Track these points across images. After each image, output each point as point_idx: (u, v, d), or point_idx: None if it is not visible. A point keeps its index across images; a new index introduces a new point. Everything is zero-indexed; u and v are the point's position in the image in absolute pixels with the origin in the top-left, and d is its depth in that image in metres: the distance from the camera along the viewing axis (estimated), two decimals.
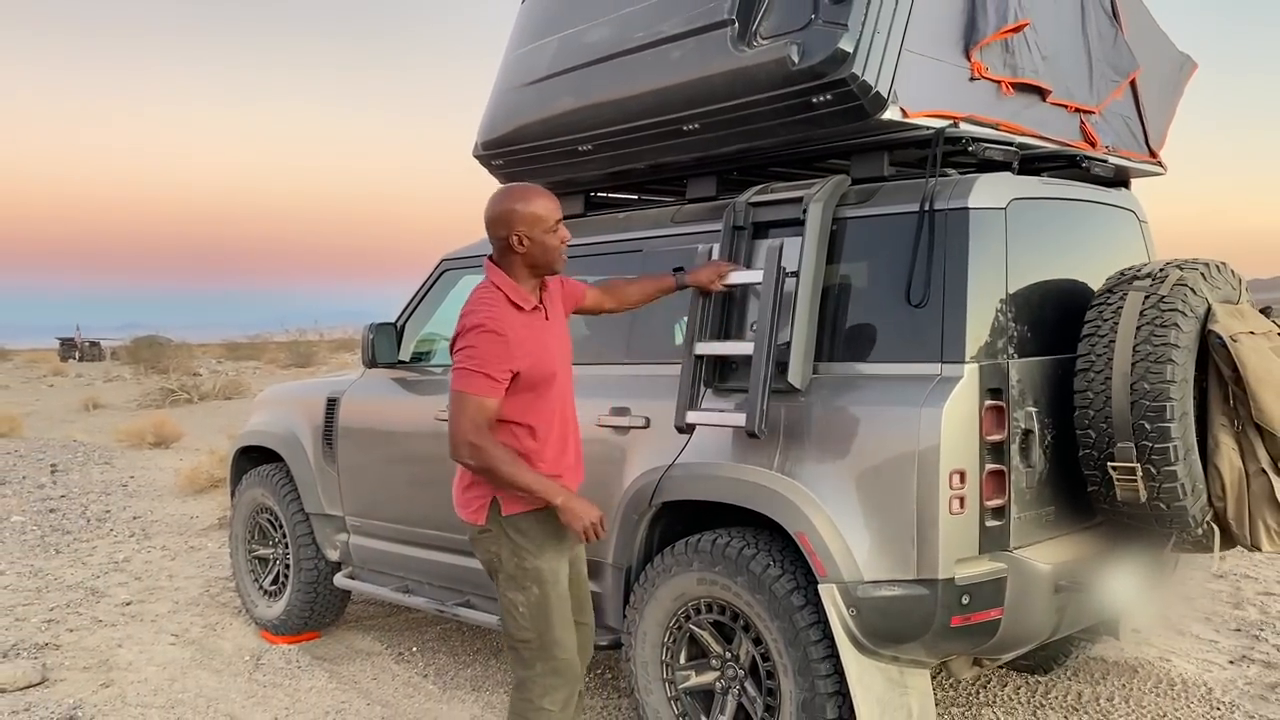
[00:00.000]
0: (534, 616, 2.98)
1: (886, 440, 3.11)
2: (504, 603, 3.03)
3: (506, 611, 3.02)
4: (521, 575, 2.98)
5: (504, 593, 3.02)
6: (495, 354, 2.87)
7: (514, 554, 2.98)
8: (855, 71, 3.12)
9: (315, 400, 5.16)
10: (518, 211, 2.95)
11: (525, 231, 2.95)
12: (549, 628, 2.99)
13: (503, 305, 2.95)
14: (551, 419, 3.03)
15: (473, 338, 2.89)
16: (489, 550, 3.02)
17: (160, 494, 9.82)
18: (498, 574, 3.03)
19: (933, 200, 3.20)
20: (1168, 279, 3.15)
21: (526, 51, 4.21)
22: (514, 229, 2.95)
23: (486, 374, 2.86)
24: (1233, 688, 4.31)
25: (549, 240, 2.98)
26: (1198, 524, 3.14)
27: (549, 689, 2.99)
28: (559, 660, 3.00)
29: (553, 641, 2.99)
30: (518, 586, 2.99)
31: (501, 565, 3.00)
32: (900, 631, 3.10)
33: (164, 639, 5.34)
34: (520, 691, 3.04)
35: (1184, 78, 4.67)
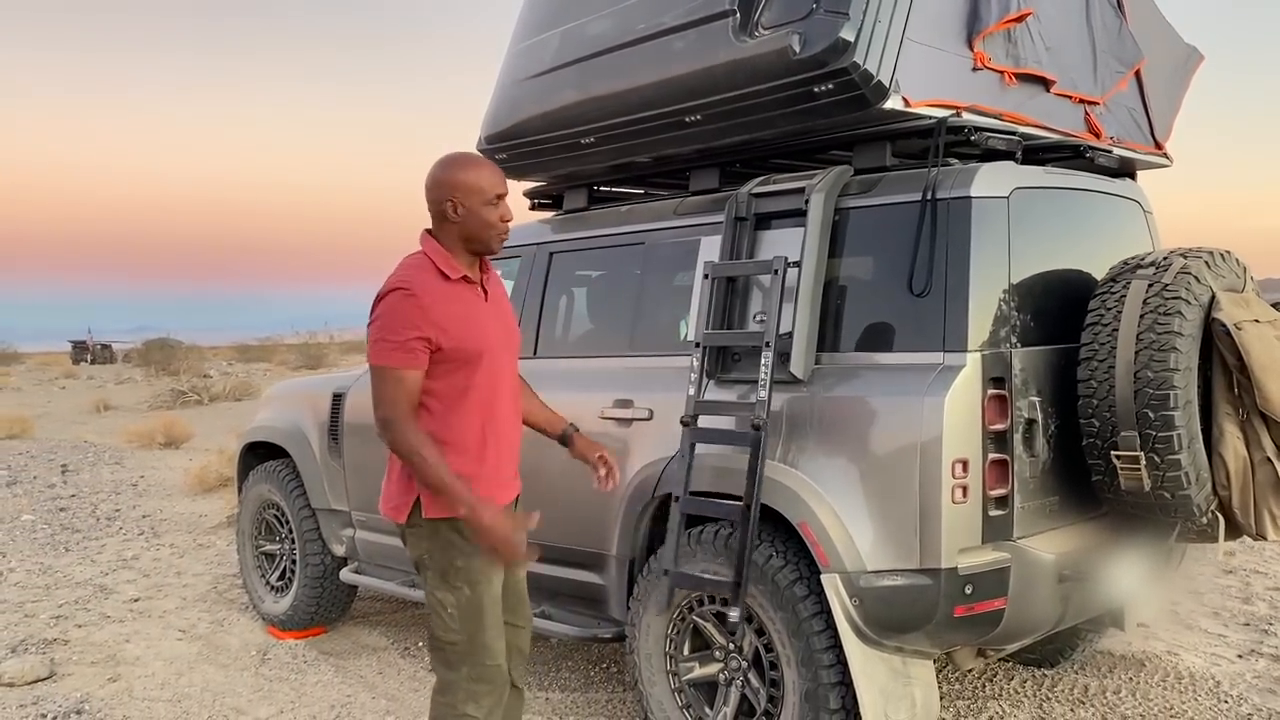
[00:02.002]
0: (463, 618, 2.75)
1: (889, 430, 3.10)
2: (431, 601, 2.79)
3: (434, 610, 2.78)
4: (453, 574, 2.75)
5: (431, 590, 2.78)
6: (407, 318, 2.64)
7: (444, 551, 2.74)
8: (857, 60, 3.12)
9: (321, 396, 5.17)
10: (457, 179, 2.74)
11: (462, 199, 2.73)
12: (479, 630, 2.76)
13: (425, 271, 2.73)
14: (475, 404, 2.77)
15: (385, 304, 2.68)
16: (418, 547, 2.80)
17: (170, 493, 9.86)
18: (426, 571, 2.80)
19: (935, 189, 3.19)
20: (1171, 267, 3.14)
21: (529, 45, 4.22)
22: (451, 195, 2.73)
23: (399, 341, 2.64)
24: (1241, 681, 4.28)
25: (486, 214, 2.75)
26: (1202, 513, 3.12)
27: (474, 695, 2.77)
28: (486, 666, 2.78)
29: (481, 646, 2.77)
30: (447, 586, 2.75)
31: (430, 563, 2.78)
32: (903, 621, 3.09)
33: (171, 634, 5.35)
34: (443, 695, 2.81)
35: (1190, 69, 4.65)
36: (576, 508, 3.90)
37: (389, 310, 2.67)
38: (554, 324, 4.32)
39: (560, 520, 3.94)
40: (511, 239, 4.54)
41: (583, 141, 3.95)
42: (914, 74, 3.24)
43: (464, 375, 2.75)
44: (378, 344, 2.68)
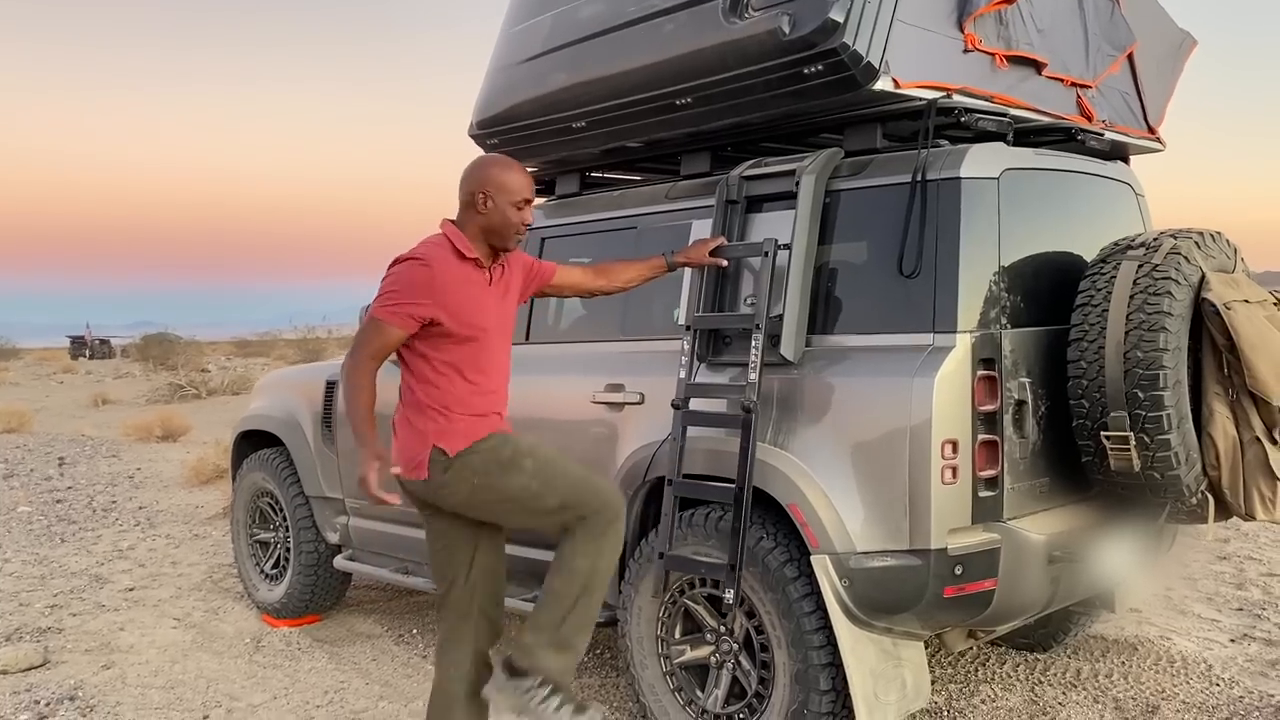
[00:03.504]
0: (548, 480, 2.93)
1: (878, 411, 3.10)
2: (517, 500, 2.93)
3: (527, 502, 2.93)
4: (507, 467, 2.92)
5: (506, 495, 2.93)
6: (415, 286, 2.86)
7: (489, 463, 2.92)
8: (846, 41, 3.11)
9: (314, 384, 5.17)
10: (492, 175, 3.00)
11: (493, 194, 2.97)
12: (565, 473, 2.96)
13: (443, 249, 2.95)
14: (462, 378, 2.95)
15: (400, 268, 2.91)
16: (460, 484, 2.93)
17: (166, 485, 9.86)
18: (487, 493, 2.94)
19: (925, 171, 3.19)
20: (1161, 248, 3.14)
21: (521, 29, 4.21)
22: (483, 188, 2.97)
23: (398, 303, 2.85)
24: (1233, 664, 4.29)
25: (510, 212, 2.98)
26: (1192, 493, 3.13)
27: (611, 517, 2.95)
28: (597, 489, 2.97)
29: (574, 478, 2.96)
30: (514, 474, 2.92)
31: (486, 481, 2.92)
32: (893, 602, 3.09)
33: (166, 623, 5.36)
34: (595, 539, 2.93)
35: (1183, 54, 4.64)
36: None
37: (401, 274, 2.90)
38: (546, 309, 4.32)
39: None
40: None
41: (574, 125, 3.94)
42: (904, 56, 3.23)
43: (456, 351, 2.95)
44: (380, 298, 2.90)
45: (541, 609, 2.98)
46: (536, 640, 2.95)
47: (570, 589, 2.94)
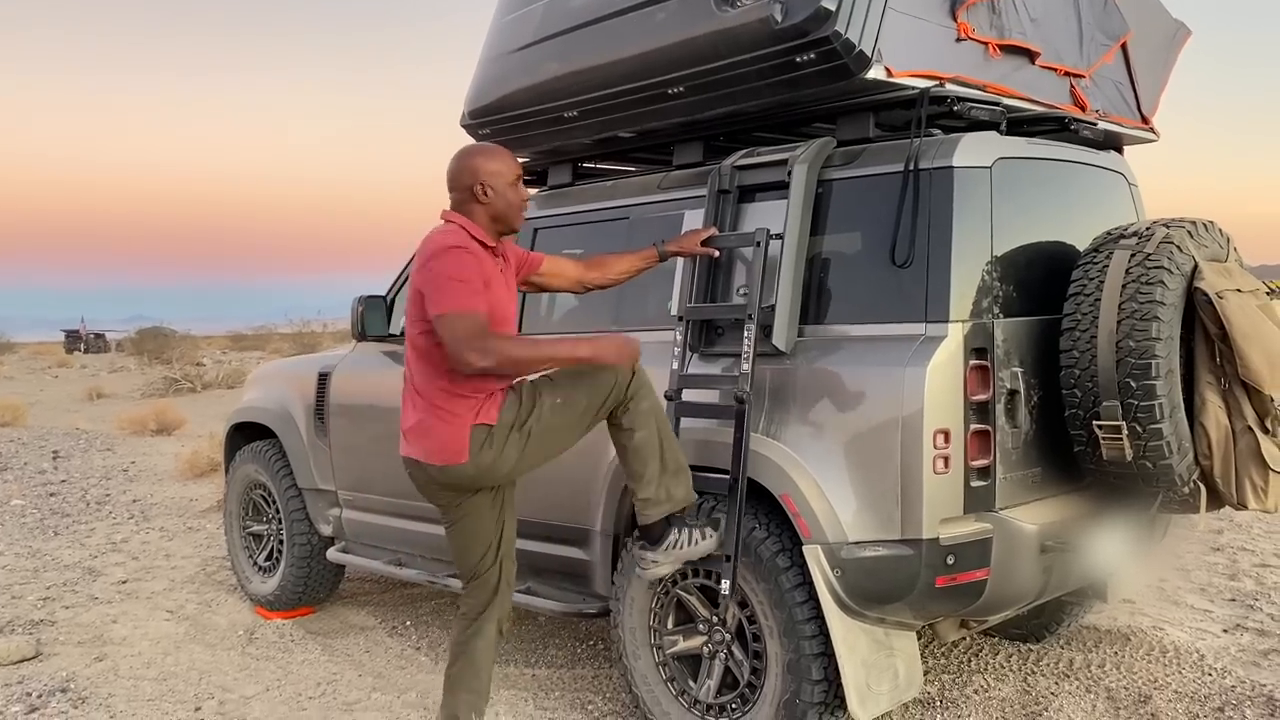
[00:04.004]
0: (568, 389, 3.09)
1: (870, 401, 3.10)
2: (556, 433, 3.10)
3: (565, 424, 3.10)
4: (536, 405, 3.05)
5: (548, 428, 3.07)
6: (473, 269, 2.94)
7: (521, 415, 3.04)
8: (838, 29, 3.10)
9: (307, 376, 5.15)
10: (481, 164, 3.08)
11: (489, 182, 3.06)
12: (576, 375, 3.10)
13: (469, 238, 3.02)
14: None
15: (450, 256, 2.93)
16: (506, 454, 3.04)
17: (160, 478, 9.84)
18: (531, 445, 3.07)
19: (917, 160, 3.18)
20: (1154, 237, 3.13)
21: (513, 18, 4.19)
22: (478, 179, 3.05)
23: (473, 288, 2.91)
24: (1225, 654, 4.29)
25: (510, 194, 3.10)
26: (1184, 482, 3.12)
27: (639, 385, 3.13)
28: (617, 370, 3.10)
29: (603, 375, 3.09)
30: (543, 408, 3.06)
31: (524, 430, 3.04)
32: (885, 592, 3.09)
33: (159, 615, 5.35)
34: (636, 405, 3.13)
35: (1177, 44, 4.63)
36: (561, 484, 3.89)
37: (456, 262, 2.93)
38: (539, 300, 4.31)
39: (545, 496, 3.94)
40: None
41: (566, 115, 3.93)
42: (897, 44, 3.22)
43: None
44: (454, 289, 2.90)
45: (641, 473, 3.17)
46: (656, 486, 3.16)
47: (650, 451, 3.15)
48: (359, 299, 4.73)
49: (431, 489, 3.17)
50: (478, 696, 3.30)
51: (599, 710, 4.02)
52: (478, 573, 3.28)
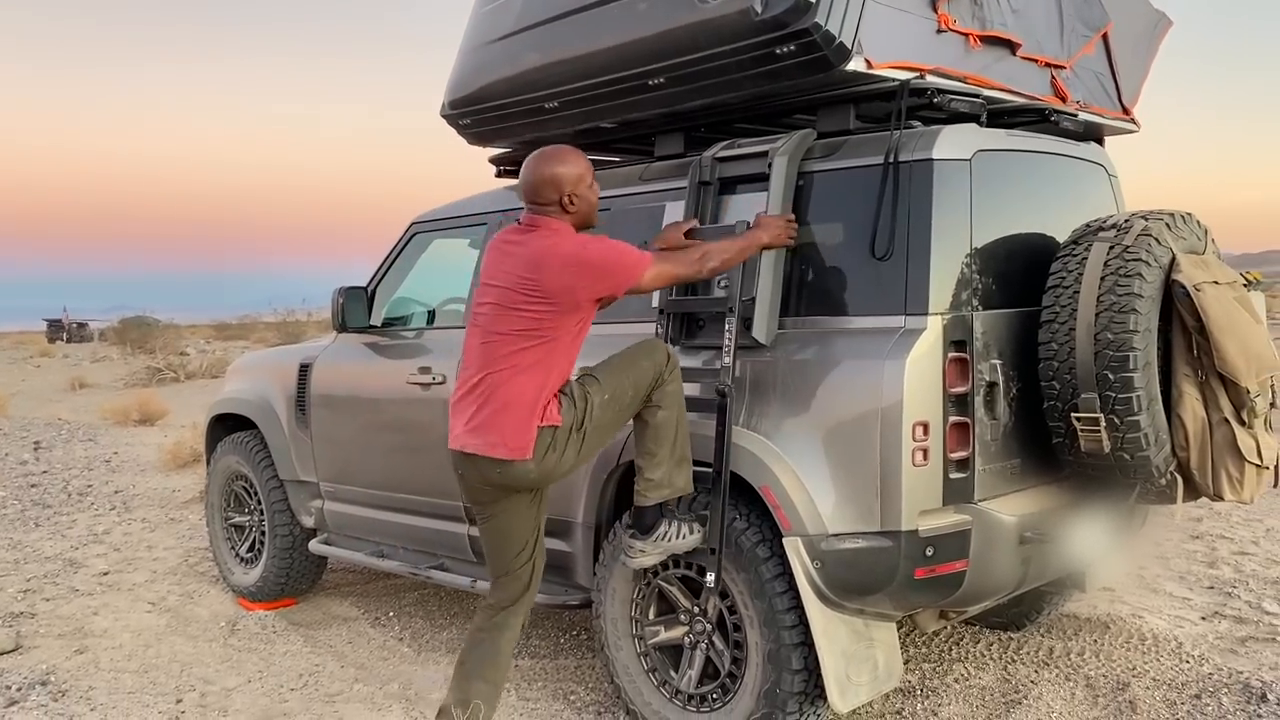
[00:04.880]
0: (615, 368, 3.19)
1: (850, 393, 3.10)
2: (606, 426, 3.18)
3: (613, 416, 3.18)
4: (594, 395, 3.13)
5: (601, 425, 3.16)
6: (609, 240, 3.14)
7: (579, 413, 3.11)
8: (818, 21, 3.09)
9: (288, 367, 5.13)
10: (563, 175, 3.12)
11: (572, 190, 3.13)
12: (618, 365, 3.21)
13: None
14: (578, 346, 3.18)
15: (592, 243, 3.09)
16: (566, 453, 3.11)
17: (143, 469, 9.79)
18: (587, 441, 3.15)
19: (897, 152, 3.18)
20: (1132, 229, 3.14)
21: (493, 8, 4.16)
22: (563, 191, 3.12)
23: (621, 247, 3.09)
24: (1203, 642, 4.33)
25: (591, 196, 3.19)
26: (1161, 474, 3.14)
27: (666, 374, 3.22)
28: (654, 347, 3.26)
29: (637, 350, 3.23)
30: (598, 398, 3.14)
31: (582, 428, 3.12)
32: (864, 584, 3.10)
33: (140, 607, 5.33)
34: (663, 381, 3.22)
35: (1158, 35, 4.64)
36: None
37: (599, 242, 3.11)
38: None
39: None
40: (477, 207, 4.53)
41: (547, 106, 3.91)
42: (877, 36, 3.22)
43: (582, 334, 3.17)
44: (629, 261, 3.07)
45: (655, 452, 3.22)
46: (664, 470, 3.23)
47: (668, 433, 3.22)
48: (339, 290, 4.71)
49: (478, 486, 3.18)
50: (494, 688, 3.30)
51: (581, 700, 4.03)
52: (510, 569, 3.29)
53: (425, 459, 4.34)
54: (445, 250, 4.78)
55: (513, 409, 3.06)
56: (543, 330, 3.05)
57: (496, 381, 3.08)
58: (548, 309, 3.04)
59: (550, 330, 3.06)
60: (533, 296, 3.04)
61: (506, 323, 3.09)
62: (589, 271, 3.04)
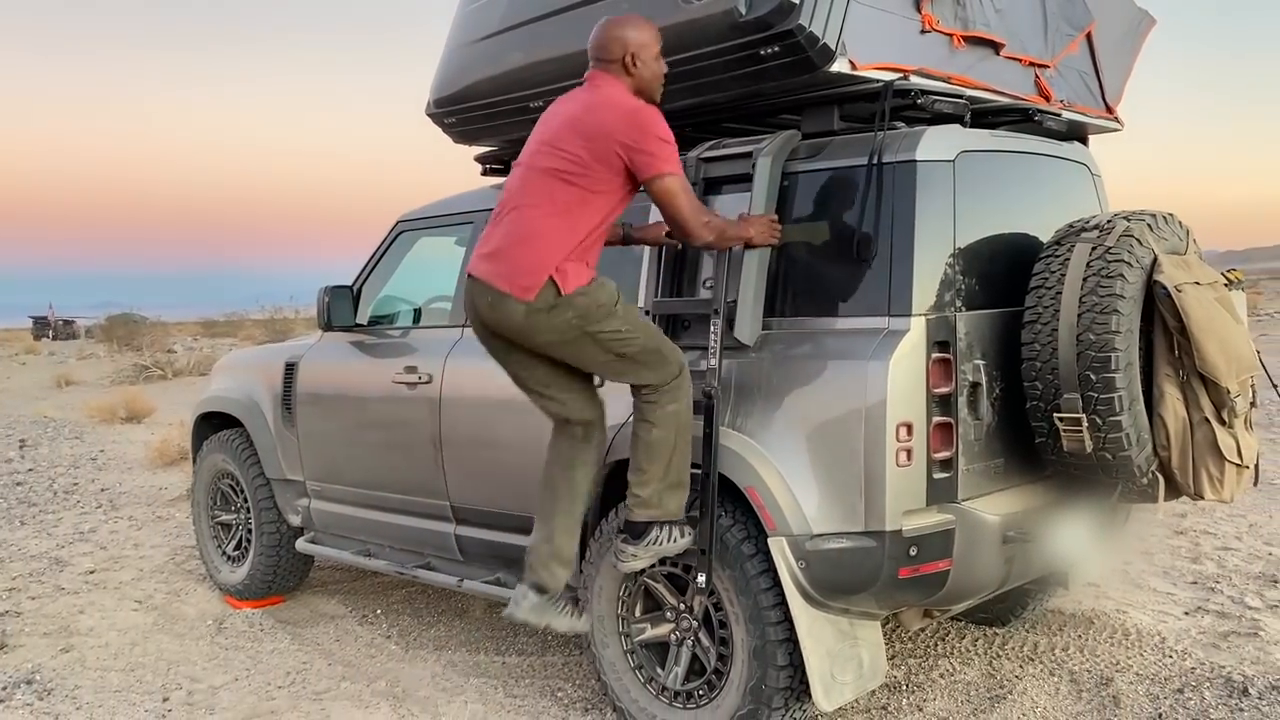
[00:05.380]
0: (641, 329, 3.18)
1: (834, 394, 3.12)
2: (603, 350, 3.15)
3: (613, 351, 3.14)
4: (608, 316, 3.12)
5: (599, 342, 3.13)
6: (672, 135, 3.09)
7: (589, 308, 3.10)
8: (802, 23, 3.11)
9: (274, 365, 5.13)
10: (631, 36, 3.15)
11: (639, 54, 3.15)
12: (654, 332, 3.22)
13: None
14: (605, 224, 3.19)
15: (655, 115, 3.06)
16: (554, 324, 3.09)
17: (130, 467, 9.77)
18: (579, 334, 3.11)
19: (880, 153, 3.19)
20: (1114, 230, 3.16)
21: (478, 7, 4.16)
22: (628, 50, 3.15)
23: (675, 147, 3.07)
24: (1186, 637, 4.36)
25: (655, 66, 3.19)
26: (1143, 473, 3.16)
27: (673, 373, 3.19)
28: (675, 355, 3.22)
29: (663, 341, 3.22)
30: (609, 322, 3.12)
31: (582, 323, 3.10)
32: (849, 583, 3.12)
33: (127, 605, 5.32)
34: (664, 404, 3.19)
35: (1141, 33, 4.66)
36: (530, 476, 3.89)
37: (663, 124, 3.07)
38: None
39: (513, 488, 3.95)
40: (463, 205, 4.53)
41: (532, 105, 3.90)
42: (861, 37, 3.23)
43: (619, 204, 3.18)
44: (671, 152, 3.07)
45: (645, 470, 3.22)
46: (653, 490, 3.21)
47: (661, 454, 3.21)
48: (324, 289, 4.71)
49: (475, 319, 3.23)
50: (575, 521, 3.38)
51: (569, 697, 4.04)
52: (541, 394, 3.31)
53: (411, 458, 4.35)
54: (431, 248, 4.78)
55: (530, 245, 3.09)
56: (579, 173, 3.07)
57: (525, 216, 3.11)
58: (587, 150, 3.06)
59: (586, 177, 3.07)
60: (577, 134, 3.08)
61: (548, 159, 3.12)
62: (634, 125, 3.04)
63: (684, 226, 3.11)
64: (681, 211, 3.09)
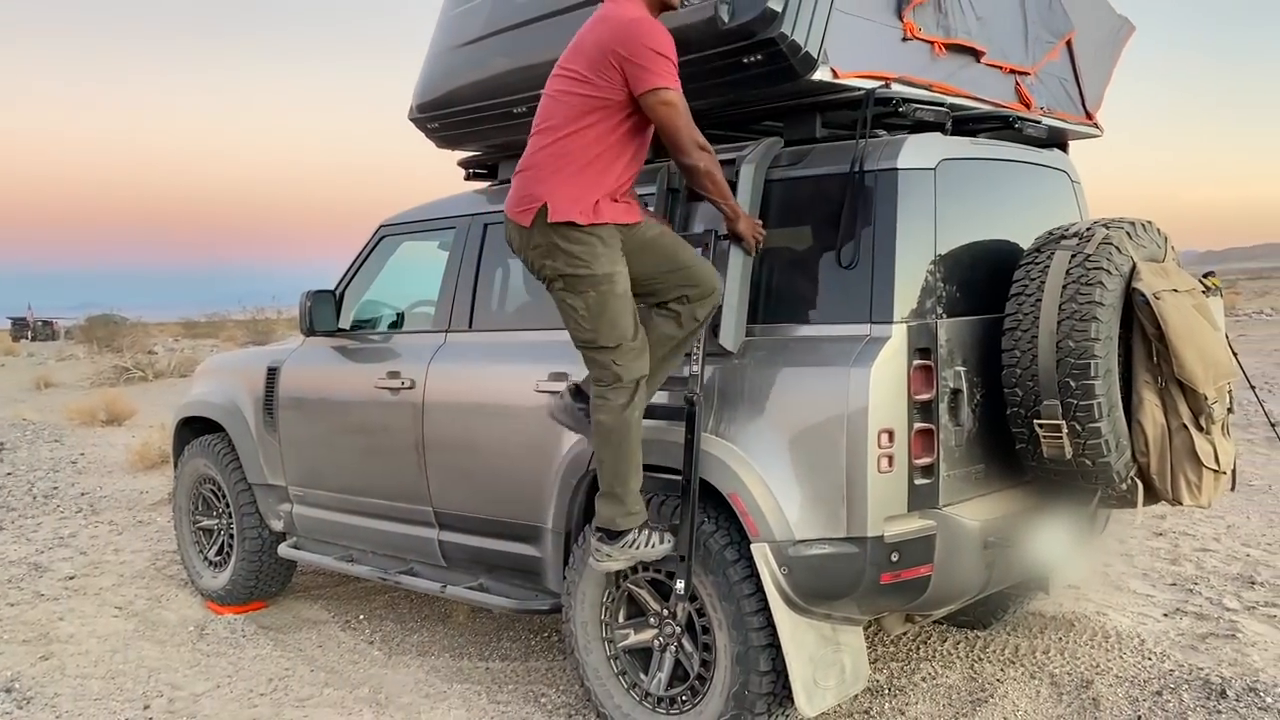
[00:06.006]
0: (592, 318, 3.12)
1: (816, 400, 3.13)
2: (562, 308, 3.18)
3: (565, 315, 3.18)
4: (576, 282, 3.10)
5: (562, 299, 3.16)
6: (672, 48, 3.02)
7: (567, 264, 3.09)
8: (785, 31, 3.11)
9: (256, 370, 5.10)
10: None
11: None
12: (610, 327, 3.13)
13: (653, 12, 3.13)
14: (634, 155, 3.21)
15: (654, 28, 3.01)
16: (540, 261, 3.14)
17: (110, 470, 9.70)
18: (553, 282, 3.16)
19: (862, 161, 3.21)
20: (1094, 238, 3.18)
21: (461, 12, 4.16)
22: None
23: (673, 62, 3.00)
24: (1165, 639, 4.40)
25: None
26: (1122, 479, 3.19)
27: (612, 379, 3.16)
28: (617, 350, 3.14)
29: (611, 337, 3.14)
30: (574, 292, 3.12)
31: (557, 274, 3.13)
32: (831, 589, 3.13)
33: (107, 612, 5.29)
34: (594, 385, 3.21)
35: (1121, 40, 4.70)
36: (513, 481, 3.90)
37: (663, 37, 3.01)
38: (489, 297, 4.29)
39: (496, 494, 3.95)
40: (446, 210, 4.53)
41: (515, 111, 3.90)
42: (843, 45, 3.24)
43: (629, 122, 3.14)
44: (668, 68, 3.01)
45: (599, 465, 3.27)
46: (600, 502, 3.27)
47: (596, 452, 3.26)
48: (306, 294, 4.69)
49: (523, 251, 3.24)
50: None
51: (553, 703, 4.04)
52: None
53: (394, 463, 4.34)
54: (414, 253, 4.77)
55: (528, 171, 3.15)
56: (579, 91, 3.06)
57: (531, 145, 3.18)
58: (587, 64, 3.05)
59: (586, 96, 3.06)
60: (579, 51, 3.10)
61: (554, 83, 3.16)
62: (629, 35, 3.01)
63: (677, 143, 3.07)
64: (677, 128, 3.05)
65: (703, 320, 3.21)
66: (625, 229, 3.17)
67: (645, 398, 3.24)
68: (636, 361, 3.18)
